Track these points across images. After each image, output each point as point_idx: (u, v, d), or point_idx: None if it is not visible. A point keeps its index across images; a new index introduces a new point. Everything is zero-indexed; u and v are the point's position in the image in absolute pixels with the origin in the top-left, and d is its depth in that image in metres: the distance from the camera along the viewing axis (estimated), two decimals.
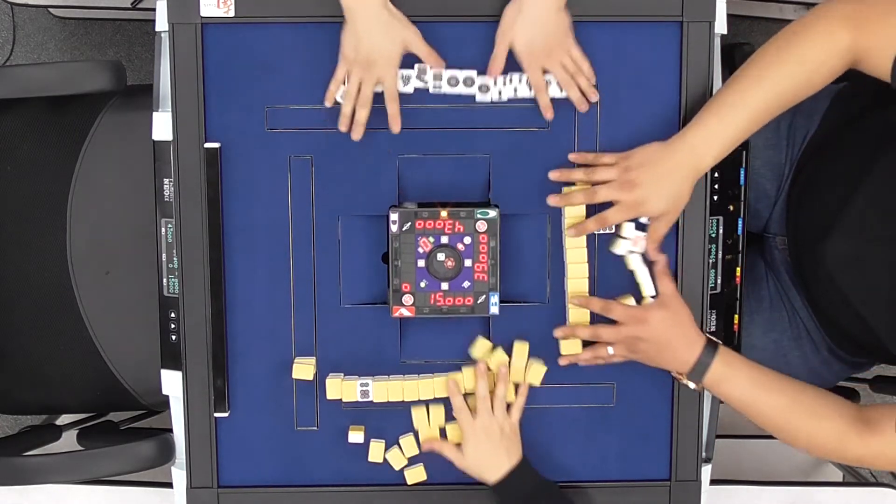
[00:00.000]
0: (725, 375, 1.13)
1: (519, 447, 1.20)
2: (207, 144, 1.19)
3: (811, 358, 1.36)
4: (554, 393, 1.24)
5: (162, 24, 1.18)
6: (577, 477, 1.25)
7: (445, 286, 1.16)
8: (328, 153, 1.20)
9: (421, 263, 1.15)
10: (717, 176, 1.22)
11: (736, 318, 1.28)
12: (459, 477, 1.24)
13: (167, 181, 1.22)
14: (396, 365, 1.23)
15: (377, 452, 1.23)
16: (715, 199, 1.22)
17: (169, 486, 1.28)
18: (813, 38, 1.05)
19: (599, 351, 1.18)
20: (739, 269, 1.27)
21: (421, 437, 1.22)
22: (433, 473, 1.24)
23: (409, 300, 1.16)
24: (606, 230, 1.19)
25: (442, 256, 1.15)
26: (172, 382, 1.24)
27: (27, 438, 1.49)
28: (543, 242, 1.22)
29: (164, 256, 1.24)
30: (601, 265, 1.21)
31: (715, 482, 1.30)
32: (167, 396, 1.25)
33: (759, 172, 1.34)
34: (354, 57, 1.11)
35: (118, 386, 1.43)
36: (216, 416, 1.23)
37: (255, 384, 1.23)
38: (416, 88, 1.16)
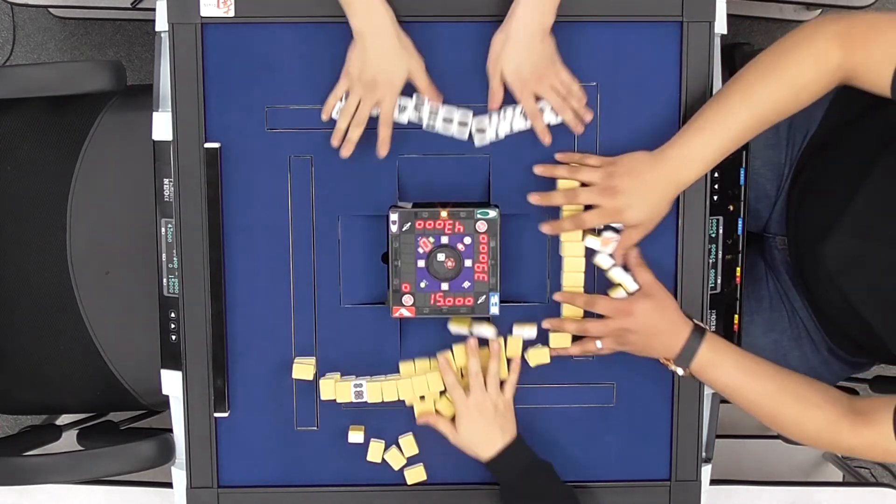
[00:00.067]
0: (712, 361, 1.13)
1: (513, 424, 1.19)
2: (207, 144, 1.19)
3: (811, 358, 1.36)
4: (554, 393, 1.24)
5: (162, 24, 1.18)
6: (577, 477, 1.25)
7: (445, 286, 1.16)
8: (328, 153, 1.20)
9: (421, 264, 1.15)
10: (717, 176, 1.22)
11: (736, 318, 1.28)
12: (459, 477, 1.24)
13: (167, 181, 1.22)
14: (396, 365, 1.23)
15: (376, 452, 1.23)
16: (715, 199, 1.22)
17: (169, 486, 1.28)
18: (802, 56, 1.05)
19: (588, 346, 1.17)
20: (739, 269, 1.27)
21: (416, 411, 1.21)
22: (433, 473, 1.24)
23: (409, 300, 1.16)
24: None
25: (442, 257, 1.15)
26: (172, 382, 1.24)
27: (27, 438, 1.49)
28: (543, 242, 1.22)
29: (164, 256, 1.24)
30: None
31: (715, 482, 1.30)
32: (167, 396, 1.25)
33: (759, 172, 1.34)
34: (358, 76, 1.11)
35: (118, 386, 1.43)
36: (216, 416, 1.23)
37: (255, 384, 1.23)
38: (409, 121, 1.16)
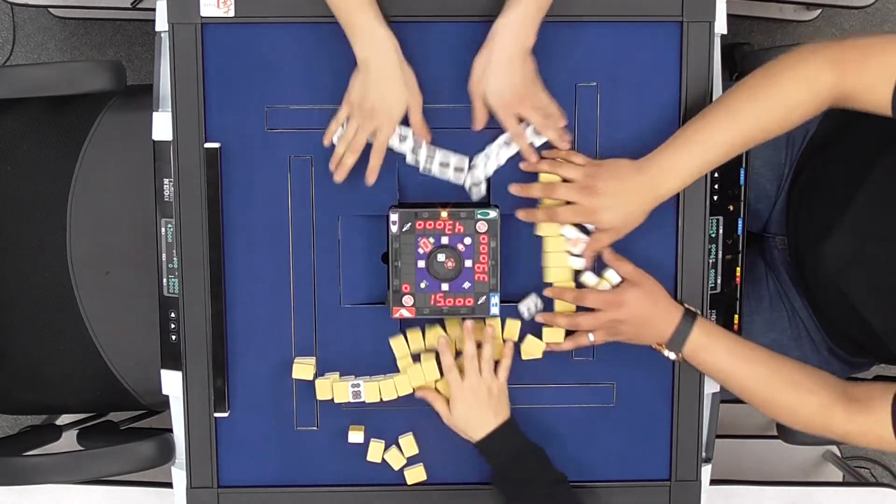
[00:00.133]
0: (704, 345, 1.13)
1: (507, 407, 1.19)
2: (207, 144, 1.19)
3: (811, 358, 1.36)
4: (554, 393, 1.24)
5: (162, 24, 1.18)
6: (577, 477, 1.25)
7: (446, 287, 1.16)
8: (328, 153, 1.19)
9: (421, 264, 1.15)
10: (717, 176, 1.22)
11: (736, 318, 1.28)
12: (459, 477, 1.24)
13: (167, 181, 1.22)
14: (396, 365, 1.23)
15: (376, 452, 1.23)
16: (715, 199, 1.22)
17: (169, 486, 1.28)
18: (793, 78, 1.05)
19: (580, 339, 1.17)
20: (739, 269, 1.27)
21: (414, 384, 1.20)
22: (433, 473, 1.24)
23: (409, 301, 1.16)
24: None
25: (442, 257, 1.15)
26: (172, 382, 1.24)
27: (27, 438, 1.49)
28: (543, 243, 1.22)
29: (164, 256, 1.24)
30: None
31: (715, 482, 1.30)
32: (167, 396, 1.25)
33: (759, 172, 1.34)
34: (359, 104, 1.11)
35: (118, 386, 1.43)
36: (216, 416, 1.23)
37: (255, 384, 1.23)
38: (405, 159, 1.17)
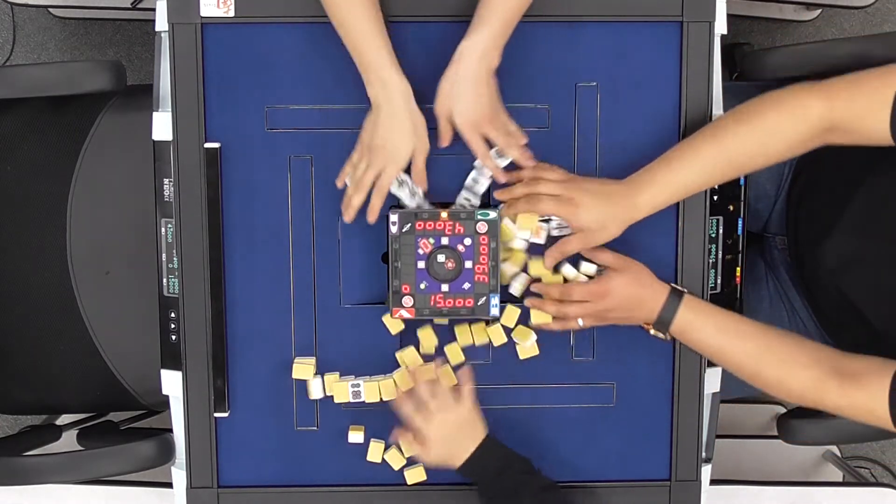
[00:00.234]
0: (692, 322, 1.13)
1: (481, 426, 1.17)
2: (207, 144, 1.19)
3: None
4: (554, 393, 1.24)
5: (162, 24, 1.18)
6: (577, 477, 1.25)
7: (446, 288, 1.16)
8: (328, 153, 1.20)
9: (421, 265, 1.15)
10: None
11: None
12: (459, 477, 1.23)
13: (167, 181, 1.22)
14: (396, 365, 1.23)
15: (376, 452, 1.23)
16: (715, 199, 1.22)
17: (169, 486, 1.28)
18: (780, 106, 1.05)
19: (570, 324, 1.17)
20: (739, 269, 1.27)
21: (400, 439, 1.20)
22: (433, 473, 1.24)
23: (409, 302, 1.16)
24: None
25: (442, 258, 1.15)
26: (172, 382, 1.24)
27: (27, 438, 1.49)
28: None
29: (164, 256, 1.24)
30: None
31: (715, 482, 1.30)
32: (167, 396, 1.25)
33: (759, 172, 1.34)
34: (368, 143, 1.12)
35: (118, 386, 1.43)
36: (216, 416, 1.23)
37: (255, 384, 1.23)
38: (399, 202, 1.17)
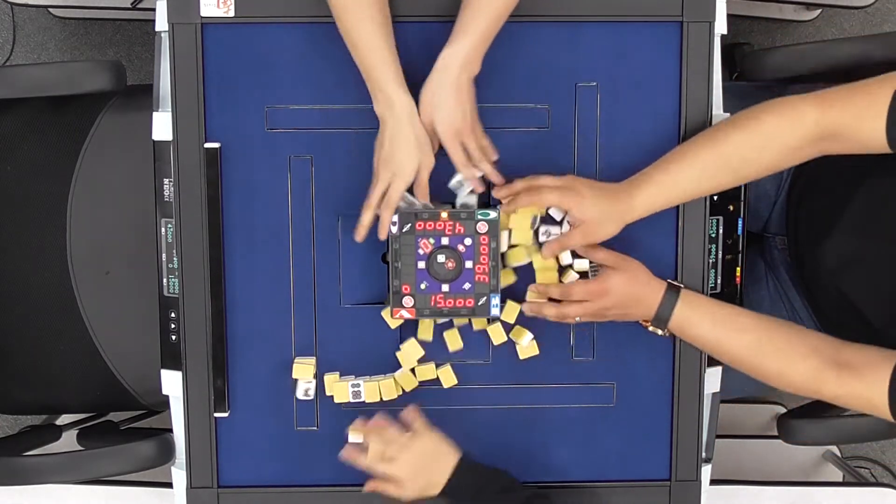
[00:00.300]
0: (689, 318, 1.13)
1: (450, 451, 1.15)
2: (207, 144, 1.19)
3: None
4: (554, 393, 1.24)
5: (162, 24, 1.18)
6: (577, 477, 1.25)
7: (446, 288, 1.16)
8: (328, 153, 1.20)
9: (421, 265, 1.15)
10: None
11: None
12: None
13: (167, 181, 1.22)
14: (396, 365, 1.23)
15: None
16: (715, 199, 1.22)
17: (169, 486, 1.28)
18: (777, 110, 1.06)
19: (567, 319, 1.16)
20: (739, 269, 1.27)
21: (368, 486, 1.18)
22: None
23: (409, 302, 1.16)
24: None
25: (442, 258, 1.15)
26: (172, 382, 1.24)
27: (27, 438, 1.49)
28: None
29: (164, 256, 1.24)
30: None
31: (715, 482, 1.30)
32: (167, 396, 1.25)
33: None
34: (379, 157, 1.13)
35: (118, 386, 1.43)
36: (216, 416, 1.23)
37: (255, 384, 1.23)
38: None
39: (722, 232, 1.24)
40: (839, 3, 1.97)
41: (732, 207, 1.25)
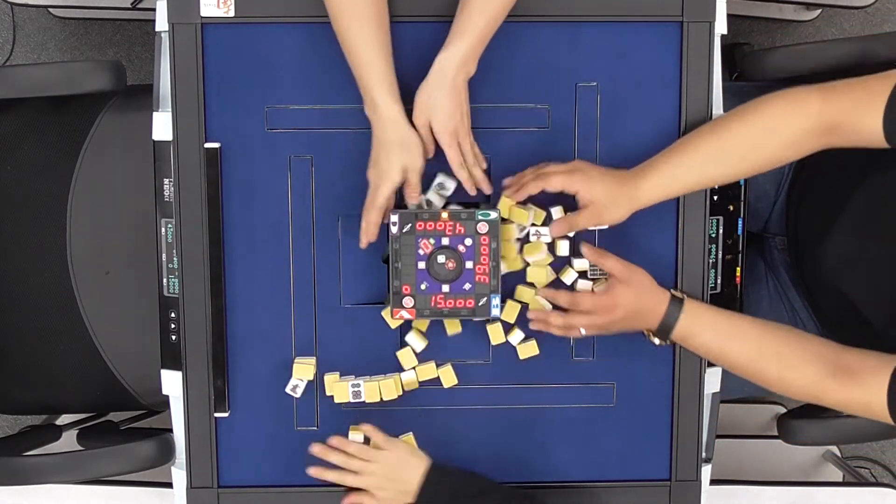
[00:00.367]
0: (692, 329, 1.13)
1: (419, 460, 1.16)
2: (207, 144, 1.19)
3: None
4: (554, 393, 1.24)
5: (162, 24, 1.18)
6: (577, 477, 1.25)
7: (446, 288, 1.15)
8: (328, 153, 1.20)
9: (421, 265, 1.15)
10: None
11: None
12: None
13: (167, 181, 1.22)
14: (396, 365, 1.23)
15: None
16: (715, 199, 1.22)
17: (169, 486, 1.28)
18: (780, 102, 1.06)
19: (572, 332, 1.16)
20: (739, 269, 1.27)
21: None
22: None
23: (409, 302, 1.16)
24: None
25: (443, 258, 1.15)
26: (172, 382, 1.24)
27: (27, 438, 1.49)
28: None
29: (164, 256, 1.24)
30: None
31: (715, 482, 1.30)
32: (167, 396, 1.25)
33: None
34: (369, 161, 1.14)
35: (118, 386, 1.43)
36: (216, 416, 1.23)
37: (255, 384, 1.23)
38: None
39: (722, 232, 1.24)
40: (839, 3, 1.97)
41: (732, 207, 1.25)
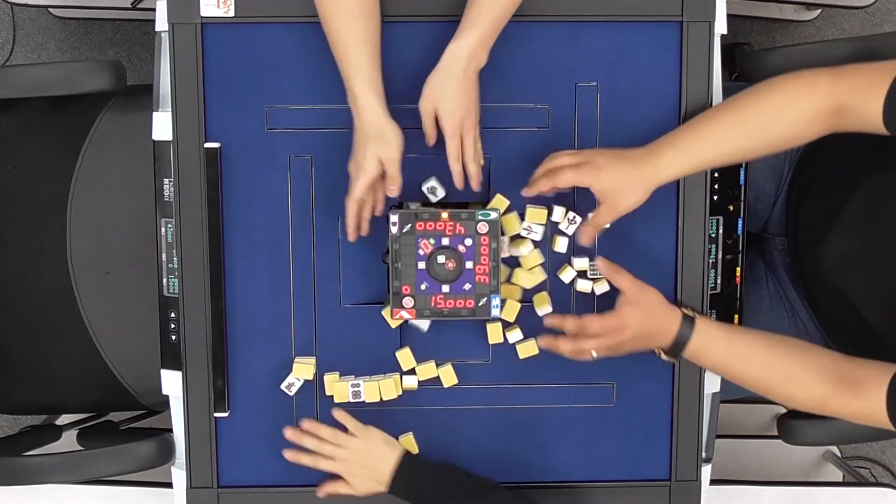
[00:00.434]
0: (703, 350, 1.13)
1: (392, 449, 1.18)
2: (207, 144, 1.19)
3: None
4: (554, 393, 1.24)
5: (162, 24, 1.18)
6: (577, 477, 1.25)
7: (446, 288, 1.15)
8: (328, 153, 1.20)
9: (421, 265, 1.15)
10: (717, 176, 1.22)
11: (736, 318, 1.28)
12: None
13: (167, 181, 1.22)
14: (396, 365, 1.23)
15: None
16: (715, 199, 1.22)
17: (169, 486, 1.28)
18: (794, 80, 1.07)
19: (584, 355, 1.16)
20: (739, 269, 1.27)
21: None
22: None
23: (409, 303, 1.16)
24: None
25: (443, 258, 1.15)
26: (172, 382, 1.24)
27: (27, 438, 1.49)
28: (543, 243, 1.22)
29: (164, 256, 1.24)
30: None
31: (715, 482, 1.30)
32: (167, 396, 1.25)
33: (758, 172, 1.34)
34: (352, 147, 1.14)
35: (118, 386, 1.43)
36: (216, 416, 1.23)
37: (255, 384, 1.23)
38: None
39: (722, 232, 1.24)
40: (839, 3, 1.97)
41: (732, 207, 1.25)
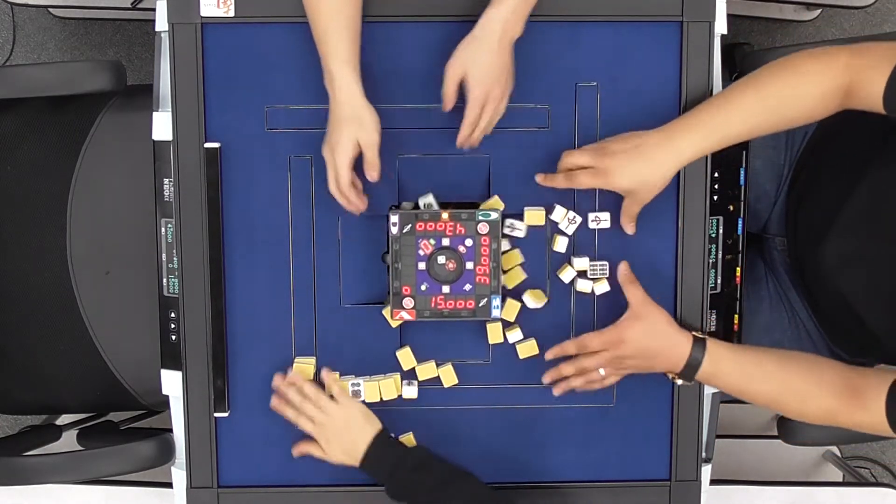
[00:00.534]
0: (715, 373, 1.13)
1: (371, 424, 1.17)
2: (207, 144, 1.19)
3: None
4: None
5: (162, 24, 1.18)
6: (577, 477, 1.25)
7: (446, 289, 1.15)
8: None
9: (421, 266, 1.15)
10: (717, 176, 1.22)
11: (736, 318, 1.28)
12: None
13: (167, 181, 1.22)
14: (396, 364, 1.23)
15: None
16: (715, 199, 1.22)
17: (169, 486, 1.28)
18: (813, 55, 1.07)
19: (592, 376, 1.17)
20: (739, 269, 1.27)
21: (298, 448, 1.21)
22: None
23: (409, 303, 1.16)
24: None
25: (443, 259, 1.15)
26: (172, 382, 1.24)
27: (27, 438, 1.49)
28: (543, 243, 1.22)
29: (164, 256, 1.24)
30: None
31: (715, 482, 1.30)
32: (167, 396, 1.25)
33: (758, 172, 1.34)
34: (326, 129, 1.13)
35: (118, 386, 1.43)
36: (216, 416, 1.23)
37: (255, 384, 1.23)
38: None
39: (722, 232, 1.24)
40: (839, 3, 1.97)
41: (732, 207, 1.25)
